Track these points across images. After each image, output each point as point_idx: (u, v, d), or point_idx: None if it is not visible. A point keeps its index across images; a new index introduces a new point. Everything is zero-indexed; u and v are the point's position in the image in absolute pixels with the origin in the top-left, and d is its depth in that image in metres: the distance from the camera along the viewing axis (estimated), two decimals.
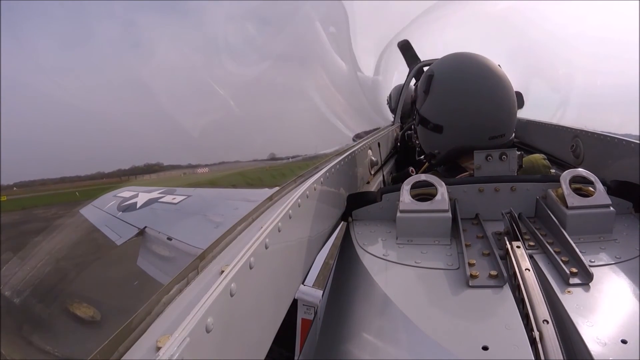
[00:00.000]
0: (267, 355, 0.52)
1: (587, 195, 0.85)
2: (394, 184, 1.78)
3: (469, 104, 1.13)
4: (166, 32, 0.67)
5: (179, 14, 0.71)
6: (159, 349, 0.34)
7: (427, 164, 1.43)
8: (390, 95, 3.72)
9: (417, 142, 1.39)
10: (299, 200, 0.70)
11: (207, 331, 0.38)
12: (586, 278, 0.64)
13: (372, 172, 1.60)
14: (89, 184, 0.55)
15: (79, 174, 0.51)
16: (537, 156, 1.25)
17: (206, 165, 0.76)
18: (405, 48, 2.84)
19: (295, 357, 2.07)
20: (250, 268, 0.49)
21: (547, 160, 1.23)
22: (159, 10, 0.64)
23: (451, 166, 1.25)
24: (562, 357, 0.50)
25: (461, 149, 1.17)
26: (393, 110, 3.41)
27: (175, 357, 0.32)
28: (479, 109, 1.13)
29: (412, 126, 1.40)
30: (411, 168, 1.90)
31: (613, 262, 0.71)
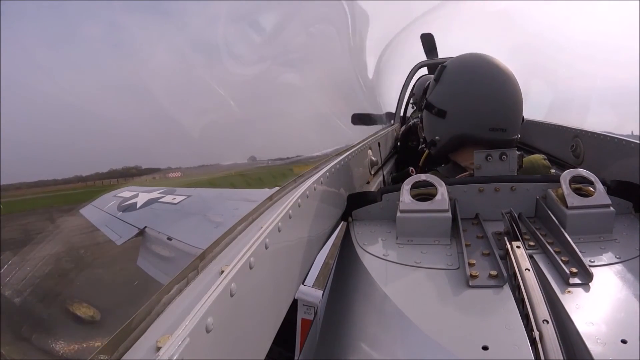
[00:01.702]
0: (267, 355, 0.52)
1: (587, 195, 0.85)
2: (394, 184, 1.78)
3: (474, 92, 1.16)
4: (151, 33, 0.67)
5: (169, 15, 0.70)
6: (159, 349, 0.34)
7: (427, 152, 1.43)
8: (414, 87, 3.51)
9: (422, 133, 1.40)
10: (299, 200, 0.70)
11: (207, 331, 0.38)
12: (586, 278, 0.64)
13: (372, 172, 1.60)
14: (65, 187, 0.53)
15: (55, 177, 0.50)
16: (537, 156, 1.25)
17: (178, 169, 0.75)
18: (428, 41, 2.86)
19: (295, 357, 2.07)
20: (250, 268, 0.49)
21: (547, 161, 1.23)
22: (144, 11, 0.64)
23: (451, 166, 1.25)
24: (562, 357, 0.50)
25: (461, 137, 1.18)
26: (416, 104, 3.40)
27: (175, 357, 0.32)
28: (483, 98, 1.15)
29: (420, 115, 1.41)
30: (411, 168, 1.90)
31: (613, 262, 0.71)
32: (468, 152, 1.19)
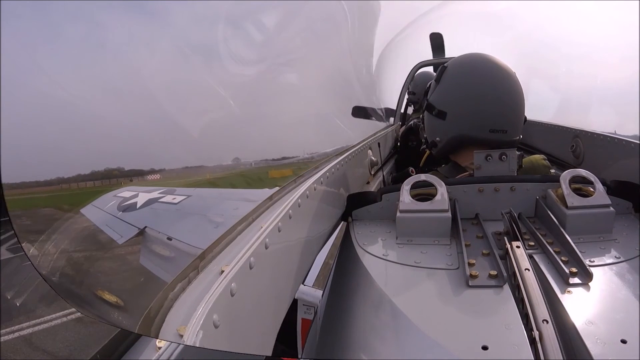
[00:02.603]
0: (267, 355, 0.52)
1: (587, 195, 0.85)
2: (394, 184, 1.78)
3: (473, 93, 1.16)
4: (135, 32, 0.66)
5: (153, 14, 0.70)
6: (159, 349, 0.34)
7: (428, 153, 1.44)
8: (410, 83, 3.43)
9: (423, 133, 1.40)
10: (299, 200, 0.70)
11: (207, 331, 0.38)
12: (586, 278, 0.64)
13: (372, 172, 1.60)
14: (45, 190, 0.51)
15: (37, 179, 0.49)
16: (537, 157, 1.25)
17: (159, 171, 0.74)
18: (436, 41, 2.87)
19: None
20: (250, 268, 0.49)
21: (547, 161, 1.23)
22: (127, 10, 0.63)
23: (452, 166, 1.26)
24: (561, 357, 0.50)
25: (461, 138, 1.18)
26: (414, 103, 3.40)
27: (175, 357, 0.33)
28: (482, 100, 1.15)
29: (421, 116, 1.42)
30: (411, 168, 1.91)
31: (613, 262, 0.71)
32: (468, 153, 1.19)
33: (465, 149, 1.21)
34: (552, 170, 1.25)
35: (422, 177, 0.93)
